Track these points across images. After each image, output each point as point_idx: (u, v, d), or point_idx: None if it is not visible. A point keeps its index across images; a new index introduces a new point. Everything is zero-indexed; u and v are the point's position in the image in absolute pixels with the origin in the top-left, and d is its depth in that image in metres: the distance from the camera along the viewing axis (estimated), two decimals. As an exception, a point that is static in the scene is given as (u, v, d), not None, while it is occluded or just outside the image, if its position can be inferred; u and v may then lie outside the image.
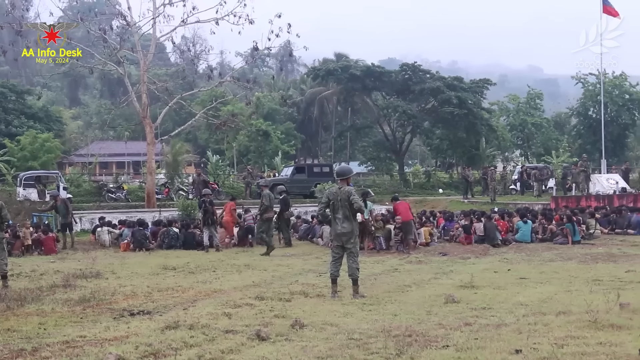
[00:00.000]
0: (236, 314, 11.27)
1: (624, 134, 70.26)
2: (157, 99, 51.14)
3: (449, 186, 58.15)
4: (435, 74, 66.08)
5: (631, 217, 27.71)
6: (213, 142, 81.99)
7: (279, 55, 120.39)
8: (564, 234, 24.12)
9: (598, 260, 18.64)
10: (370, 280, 15.32)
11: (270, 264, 19.56)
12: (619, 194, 36.88)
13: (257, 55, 47.37)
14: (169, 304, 12.62)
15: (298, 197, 41.76)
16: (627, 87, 69.25)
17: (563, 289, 13.46)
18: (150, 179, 39.62)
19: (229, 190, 47.53)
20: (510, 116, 77.80)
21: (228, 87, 60.63)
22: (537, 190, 43.44)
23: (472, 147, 64.21)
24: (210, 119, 46.81)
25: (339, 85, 69.34)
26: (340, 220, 13.20)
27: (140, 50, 39.93)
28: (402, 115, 62.01)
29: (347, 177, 13.71)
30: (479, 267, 17.92)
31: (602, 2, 44.77)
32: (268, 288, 14.53)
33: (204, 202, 25.56)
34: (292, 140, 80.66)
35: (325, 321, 10.46)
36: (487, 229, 24.49)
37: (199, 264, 19.60)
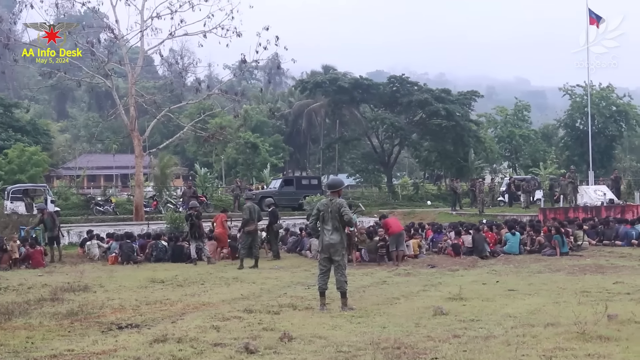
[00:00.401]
0: (224, 327, 11.26)
1: (611, 145, 70.51)
2: (145, 112, 51.10)
3: (438, 198, 58.19)
4: (422, 86, 66.23)
5: (619, 229, 27.76)
6: (201, 155, 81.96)
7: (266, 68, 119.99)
8: (552, 246, 24.16)
9: (586, 272, 18.66)
10: (358, 293, 15.31)
11: (259, 277, 19.53)
12: (606, 205, 37.02)
13: (245, 68, 47.40)
14: (157, 317, 12.60)
15: (286, 210, 41.78)
16: (614, 98, 69.58)
17: (551, 301, 13.48)
18: (138, 191, 39.61)
19: (218, 202, 47.50)
20: (498, 128, 77.99)
21: (216, 99, 60.53)
22: (525, 202, 43.53)
23: (460, 159, 64.29)
24: (198, 131, 46.80)
25: (327, 97, 69.40)
26: (329, 231, 13.23)
27: (128, 63, 39.95)
28: (390, 127, 62.10)
29: (338, 190, 13.77)
30: (467, 279, 17.93)
31: (589, 13, 45.05)
32: (256, 301, 14.52)
33: (190, 215, 25.51)
34: (280, 153, 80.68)
35: (313, 334, 10.45)
36: (476, 241, 24.51)
37: (187, 277, 19.55)
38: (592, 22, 45.32)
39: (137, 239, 27.28)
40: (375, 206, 49.96)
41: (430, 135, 64.61)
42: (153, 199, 45.38)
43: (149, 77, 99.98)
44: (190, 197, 37.93)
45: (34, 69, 44.43)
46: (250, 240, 23.67)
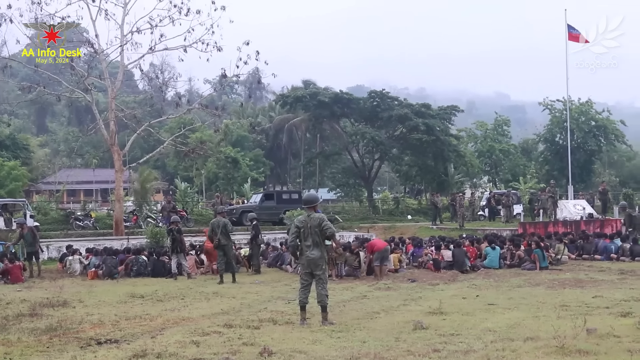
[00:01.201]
0: (204, 342, 11.24)
1: (591, 160, 70.91)
2: (125, 127, 50.98)
3: (418, 212, 58.27)
4: (403, 100, 66.20)
5: (598, 243, 27.91)
6: (182, 170, 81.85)
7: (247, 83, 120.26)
8: (531, 260, 24.25)
9: (565, 286, 18.73)
10: (339, 307, 15.31)
11: (239, 292, 19.49)
12: (585, 220, 37.19)
13: (226, 83, 47.36)
14: (137, 332, 12.55)
15: (267, 224, 41.74)
16: (593, 113, 70.00)
17: (531, 315, 13.53)
18: (118, 206, 39.46)
19: (198, 217, 47.40)
20: (478, 142, 78.26)
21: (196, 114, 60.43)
22: (505, 216, 43.67)
23: (440, 174, 64.45)
24: (178, 146, 46.67)
25: (307, 112, 69.35)
26: (309, 247, 13.24)
27: (108, 78, 39.88)
28: (370, 141, 62.09)
29: (315, 205, 13.78)
30: (447, 293, 17.94)
31: (567, 29, 45.32)
32: (236, 315, 14.49)
33: (172, 230, 25.44)
34: (261, 167, 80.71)
35: (294, 348, 10.45)
36: (456, 255, 24.56)
37: (167, 292, 19.49)
38: (571, 38, 45.58)
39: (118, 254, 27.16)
40: (356, 220, 49.97)
41: (411, 150, 64.69)
42: (133, 214, 45.21)
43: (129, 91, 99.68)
44: (169, 211, 37.82)
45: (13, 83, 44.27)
46: (222, 254, 23.64)
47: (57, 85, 41.77)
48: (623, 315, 13.00)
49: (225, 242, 23.72)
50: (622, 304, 14.77)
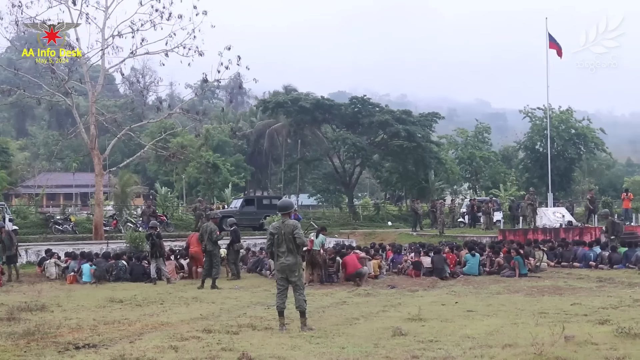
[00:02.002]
0: (183, 347, 11.21)
1: (570, 167, 71.24)
2: (106, 130, 50.74)
3: (398, 219, 58.41)
4: (384, 107, 66.29)
5: (577, 250, 28.04)
6: (162, 174, 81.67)
7: (228, 88, 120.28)
8: (511, 267, 24.33)
9: (544, 293, 18.81)
10: (318, 313, 15.31)
11: (218, 297, 19.47)
12: (565, 227, 37.34)
13: (207, 87, 47.40)
14: (115, 337, 12.50)
15: (247, 229, 41.68)
16: (573, 122, 70.33)
17: (509, 322, 13.56)
18: (98, 210, 39.29)
19: (178, 222, 47.29)
20: (459, 149, 78.49)
21: (177, 118, 60.52)
22: (485, 223, 43.78)
23: (421, 180, 64.61)
24: (159, 150, 46.52)
25: (288, 117, 69.34)
26: (284, 253, 13.28)
27: (88, 82, 39.69)
28: (351, 147, 62.12)
29: (289, 211, 13.84)
30: (427, 299, 17.97)
31: (549, 38, 45.54)
32: (216, 321, 14.46)
33: (151, 234, 25.37)
34: (241, 173, 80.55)
35: (272, 354, 10.45)
36: (435, 261, 24.61)
37: (146, 297, 19.43)
38: (551, 46, 45.78)
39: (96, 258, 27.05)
40: (336, 226, 49.97)
41: (392, 156, 64.85)
42: (113, 218, 44.99)
43: (110, 95, 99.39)
44: (149, 216, 37.69)
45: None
46: (208, 260, 23.63)
47: (37, 88, 41.51)
48: (601, 322, 13.05)
49: (211, 247, 23.71)
50: (600, 311, 14.83)
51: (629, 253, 26.43)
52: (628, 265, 25.69)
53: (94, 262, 25.79)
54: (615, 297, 17.31)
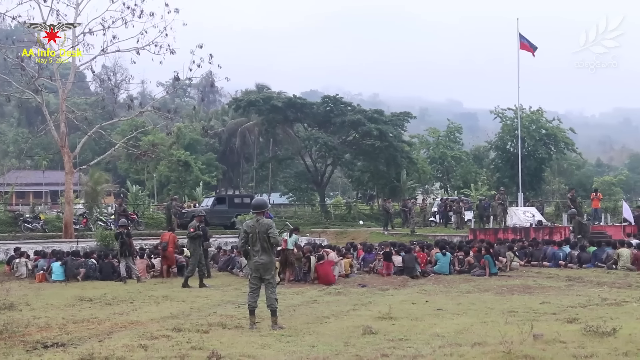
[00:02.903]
0: (152, 345, 11.14)
1: (541, 168, 71.51)
2: (76, 128, 50.48)
3: (370, 218, 58.46)
4: (356, 106, 66.32)
5: (547, 250, 28.23)
6: (133, 172, 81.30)
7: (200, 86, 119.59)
8: (481, 266, 24.44)
9: (514, 292, 18.91)
10: (289, 312, 15.30)
11: (189, 295, 19.42)
12: (535, 227, 37.55)
13: (179, 86, 47.03)
14: (84, 336, 12.42)
15: (218, 228, 41.62)
16: (544, 122, 70.62)
17: (479, 320, 13.61)
18: (68, 209, 39.04)
19: (149, 220, 47.08)
20: (431, 149, 78.80)
21: (149, 117, 60.02)
22: (456, 223, 43.93)
23: (392, 180, 64.69)
24: (130, 148, 46.23)
25: (260, 116, 69.22)
26: (258, 252, 13.25)
27: (59, 79, 39.42)
28: (323, 146, 62.11)
29: (263, 210, 13.80)
30: (397, 298, 18.01)
31: (520, 39, 45.74)
32: (186, 319, 14.41)
33: (120, 233, 25.27)
34: (213, 171, 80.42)
35: (242, 353, 10.42)
36: (406, 260, 24.68)
37: (116, 295, 19.35)
38: (522, 47, 45.98)
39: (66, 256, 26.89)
40: (308, 225, 49.94)
41: (363, 155, 64.91)
42: (83, 216, 44.75)
43: (81, 93, 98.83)
44: (119, 214, 37.49)
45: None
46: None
47: (7, 85, 41.23)
48: (569, 321, 13.13)
49: (189, 246, 23.71)
50: (568, 310, 14.93)
51: (598, 252, 26.66)
52: (597, 264, 25.92)
53: (63, 260, 25.65)
54: (583, 296, 17.43)
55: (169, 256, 26.61)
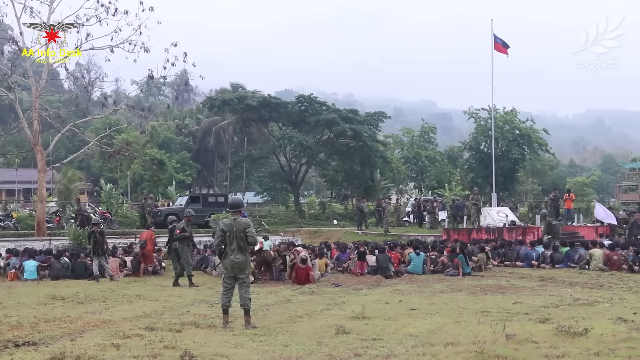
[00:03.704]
0: (125, 344, 11.08)
1: (514, 168, 71.81)
2: (50, 126, 50.20)
3: (344, 217, 58.52)
4: (331, 106, 66.38)
5: (520, 250, 28.34)
6: (107, 171, 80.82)
7: (174, 85, 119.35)
8: (454, 266, 24.51)
9: (487, 292, 18.96)
10: (262, 311, 15.26)
11: (162, 294, 19.34)
12: (508, 227, 37.69)
13: (153, 84, 46.95)
14: (56, 334, 12.33)
15: (192, 227, 41.40)
16: (517, 122, 70.93)
17: (452, 320, 13.64)
18: (40, 207, 38.85)
19: (123, 219, 46.91)
20: (405, 149, 78.99)
21: (123, 115, 59.97)
22: (430, 223, 44.03)
23: (367, 179, 64.83)
24: (104, 147, 46.01)
25: (235, 115, 69.18)
26: (234, 251, 13.20)
27: (32, 76, 39.22)
28: (297, 146, 62.13)
29: (240, 209, 13.77)
30: (371, 298, 18.02)
31: (494, 39, 45.86)
32: (159, 318, 14.35)
33: (93, 232, 25.13)
34: (187, 170, 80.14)
35: (215, 352, 10.38)
36: (380, 260, 24.70)
37: (88, 294, 19.22)
38: (497, 48, 46.10)
39: (38, 255, 26.72)
40: (282, 224, 49.97)
41: (338, 155, 65.01)
42: (56, 215, 44.52)
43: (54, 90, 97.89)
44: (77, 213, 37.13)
45: None
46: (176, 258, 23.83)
47: (-21, 83, 40.97)
48: (542, 321, 13.18)
49: (176, 245, 23.70)
50: (541, 310, 14.99)
51: (571, 252, 26.83)
52: (569, 264, 26.07)
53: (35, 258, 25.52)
54: (556, 296, 17.51)
55: (147, 254, 26.54)
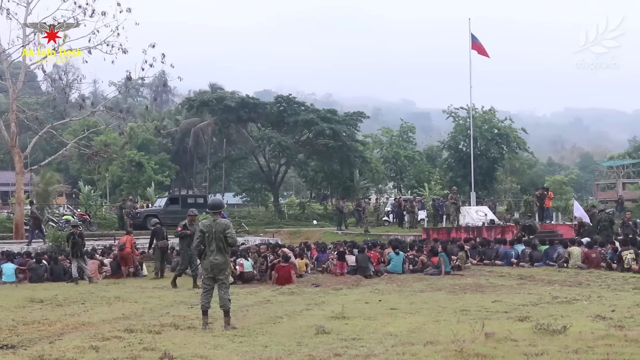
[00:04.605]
0: (104, 347, 11.06)
1: (493, 167, 71.98)
2: (27, 128, 49.93)
3: (324, 217, 58.50)
4: (309, 106, 66.37)
5: (499, 249, 28.44)
6: (85, 173, 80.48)
7: (153, 86, 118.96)
8: (434, 265, 24.56)
9: (466, 291, 18.98)
10: (242, 312, 15.25)
11: (142, 296, 19.29)
12: (487, 226, 37.79)
13: (131, 85, 46.84)
14: (35, 337, 12.28)
15: (172, 228, 41.30)
16: (496, 122, 71.15)
17: (432, 319, 13.67)
18: (18, 209, 38.68)
19: (102, 221, 46.75)
20: (384, 149, 79.11)
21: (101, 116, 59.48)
22: (409, 222, 44.09)
23: (346, 179, 64.85)
24: (82, 149, 45.87)
25: (213, 116, 68.99)
26: (213, 252, 13.18)
27: (9, 78, 39.02)
28: (276, 146, 62.06)
29: (220, 210, 13.75)
30: (350, 297, 18.03)
31: (471, 39, 45.94)
32: (138, 320, 14.32)
33: (73, 234, 25.03)
34: (166, 171, 79.87)
35: (195, 353, 10.38)
36: (360, 260, 24.73)
37: (67, 297, 19.15)
38: (474, 47, 46.19)
39: (17, 258, 26.59)
40: (262, 225, 49.91)
41: (317, 155, 64.97)
42: (34, 217, 44.28)
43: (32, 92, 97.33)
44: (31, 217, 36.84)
45: None
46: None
47: (-46, 84, 40.75)
48: (521, 319, 13.24)
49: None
50: (520, 308, 15.04)
51: (549, 251, 26.91)
52: (548, 263, 26.14)
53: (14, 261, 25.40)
54: (535, 295, 17.57)
55: (127, 257, 26.47)
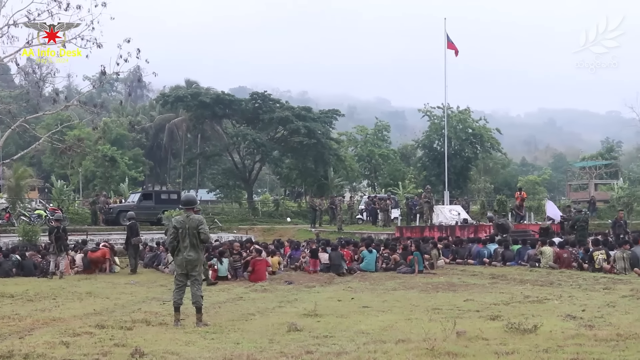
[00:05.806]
0: (74, 342, 11.00)
1: (467, 166, 72.36)
2: (0, 122, 49.62)
3: (298, 215, 58.48)
4: (284, 103, 66.46)
5: (472, 248, 28.53)
6: (58, 167, 79.99)
7: (128, 81, 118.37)
8: (407, 264, 24.60)
9: (439, 290, 19.02)
10: (214, 309, 15.21)
11: (113, 292, 19.19)
12: (460, 225, 37.92)
13: (105, 80, 46.52)
14: (4, 332, 12.22)
15: (145, 224, 41.23)
16: (471, 122, 71.48)
17: (404, 318, 13.70)
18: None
19: (74, 216, 46.48)
20: (358, 147, 79.26)
21: (74, 111, 59.20)
22: (383, 220, 44.13)
23: (320, 177, 64.88)
24: (55, 143, 45.58)
25: (188, 112, 68.88)
26: (186, 248, 13.16)
27: (-19, 72, 38.77)
28: (251, 143, 62.03)
29: (193, 206, 13.70)
30: (323, 295, 18.03)
31: (447, 38, 46.13)
32: (109, 316, 14.25)
33: (57, 228, 24.79)
34: (140, 167, 79.55)
35: (166, 350, 10.34)
36: (333, 258, 24.73)
37: (38, 292, 19.02)
38: (450, 47, 46.38)
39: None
40: (235, 222, 49.84)
41: (292, 153, 64.96)
42: (5, 211, 43.98)
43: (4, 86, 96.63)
44: None
45: None
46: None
47: None
48: (492, 318, 13.30)
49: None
50: (491, 307, 15.10)
51: (522, 250, 27.04)
52: (520, 262, 26.28)
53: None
54: (507, 294, 17.63)
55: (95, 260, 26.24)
